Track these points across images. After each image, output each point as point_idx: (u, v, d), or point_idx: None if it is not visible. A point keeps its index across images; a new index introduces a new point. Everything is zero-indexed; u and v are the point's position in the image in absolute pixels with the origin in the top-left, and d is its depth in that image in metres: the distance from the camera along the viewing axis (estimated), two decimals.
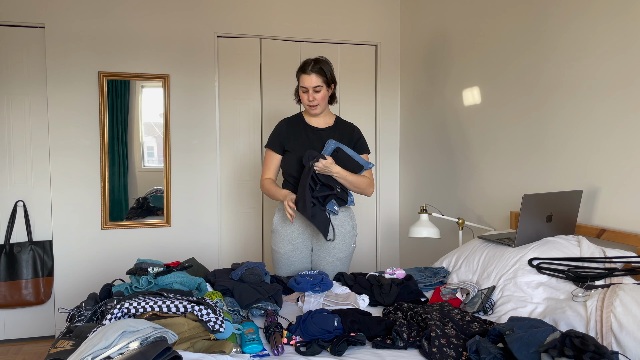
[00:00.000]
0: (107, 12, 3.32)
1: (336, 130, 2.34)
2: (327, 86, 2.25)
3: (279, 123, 2.37)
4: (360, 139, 2.36)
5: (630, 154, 1.90)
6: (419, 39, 3.56)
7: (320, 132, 2.32)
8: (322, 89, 2.23)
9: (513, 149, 2.58)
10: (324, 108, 2.31)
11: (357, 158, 2.21)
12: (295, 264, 2.32)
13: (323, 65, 2.22)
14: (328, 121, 2.36)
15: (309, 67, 2.20)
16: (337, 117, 2.40)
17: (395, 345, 1.46)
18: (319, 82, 2.21)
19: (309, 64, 2.21)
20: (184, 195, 3.52)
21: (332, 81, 2.27)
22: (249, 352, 1.40)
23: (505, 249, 1.99)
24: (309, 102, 2.25)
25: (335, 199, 2.25)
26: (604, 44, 2.00)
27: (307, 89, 2.22)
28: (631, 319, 1.35)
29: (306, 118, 2.36)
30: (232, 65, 3.58)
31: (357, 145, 2.35)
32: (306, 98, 2.25)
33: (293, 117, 2.40)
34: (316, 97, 2.23)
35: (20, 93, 3.23)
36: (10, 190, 3.24)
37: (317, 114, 2.30)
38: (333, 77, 2.27)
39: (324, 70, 2.22)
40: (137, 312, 1.34)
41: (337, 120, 2.38)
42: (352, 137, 2.34)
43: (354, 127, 2.39)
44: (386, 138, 3.93)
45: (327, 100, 2.29)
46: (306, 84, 2.21)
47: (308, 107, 2.27)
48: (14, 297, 3.17)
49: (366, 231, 3.95)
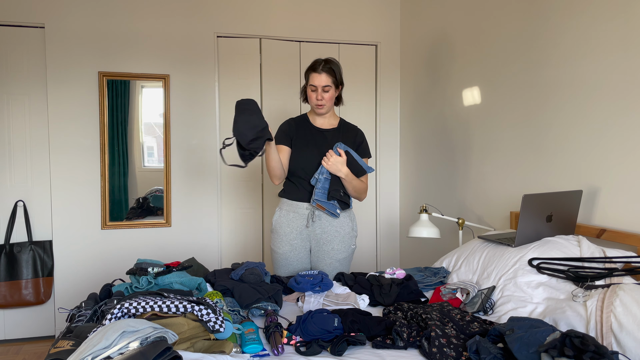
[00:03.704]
0: (107, 12, 3.32)
1: (340, 131, 2.36)
2: (335, 87, 2.27)
3: (284, 122, 2.39)
4: (363, 142, 2.39)
5: (630, 154, 1.90)
6: (419, 39, 3.56)
7: (324, 133, 2.34)
8: (330, 89, 2.25)
9: (513, 148, 2.58)
10: (330, 108, 2.33)
11: (362, 163, 2.24)
12: (294, 264, 2.32)
13: (333, 66, 2.25)
14: (332, 122, 2.38)
15: (319, 67, 2.23)
16: (341, 119, 2.42)
17: (395, 345, 1.46)
18: (328, 82, 2.23)
19: (319, 63, 2.24)
20: (184, 195, 3.52)
21: (340, 82, 2.30)
22: (249, 352, 1.40)
23: (505, 249, 1.99)
24: (317, 101, 2.26)
25: (338, 202, 2.26)
26: (604, 44, 2.00)
27: (317, 87, 2.24)
28: (631, 319, 1.35)
29: (311, 119, 2.37)
30: (232, 65, 3.58)
31: (360, 149, 2.37)
32: (314, 97, 2.26)
33: (298, 117, 2.41)
34: (324, 96, 2.25)
35: (20, 93, 3.23)
36: (10, 190, 3.24)
37: (323, 113, 2.32)
38: (342, 78, 2.30)
39: (334, 70, 2.25)
40: (137, 312, 1.34)
41: (341, 122, 2.40)
42: (355, 140, 2.36)
43: (358, 130, 2.40)
44: (386, 138, 3.93)
45: (333, 100, 2.31)
46: (316, 82, 2.23)
47: (315, 107, 2.29)
48: (14, 297, 3.17)
49: (366, 231, 3.95)
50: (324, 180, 2.21)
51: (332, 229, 2.29)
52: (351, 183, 2.22)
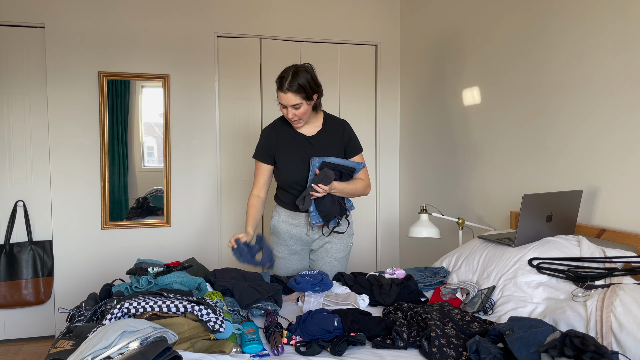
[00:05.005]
0: (107, 12, 3.32)
1: (326, 134, 2.20)
2: (307, 100, 2.05)
3: (264, 130, 2.22)
4: (352, 139, 2.23)
5: (630, 154, 1.90)
6: (419, 38, 3.56)
7: (310, 140, 2.18)
8: (301, 105, 2.04)
9: (513, 148, 2.58)
10: (308, 119, 2.14)
11: (348, 163, 2.14)
12: (294, 266, 2.31)
13: (300, 80, 2.00)
14: (317, 124, 2.21)
15: (285, 84, 2.00)
16: (325, 114, 2.24)
17: (395, 345, 1.46)
18: (297, 101, 2.02)
19: (285, 79, 2.00)
20: (184, 195, 3.52)
21: (314, 92, 2.07)
22: (249, 352, 1.40)
23: (505, 249, 1.99)
24: (290, 118, 2.09)
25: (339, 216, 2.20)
26: (604, 44, 2.00)
27: (286, 106, 2.05)
28: (631, 319, 1.35)
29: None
30: (232, 65, 3.58)
31: (349, 147, 2.23)
32: (286, 113, 2.08)
33: (279, 122, 2.23)
34: (296, 113, 2.06)
35: (20, 93, 3.23)
36: (10, 190, 3.24)
37: (300, 127, 2.16)
38: (314, 87, 2.06)
39: (302, 86, 2.00)
40: (137, 312, 1.34)
41: (325, 121, 2.23)
42: (343, 138, 2.22)
43: (344, 125, 2.24)
44: (386, 138, 3.93)
45: (309, 112, 2.11)
46: (283, 101, 2.03)
47: (291, 122, 2.12)
48: (14, 297, 3.17)
49: (366, 231, 3.95)
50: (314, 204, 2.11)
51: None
52: (343, 192, 2.11)
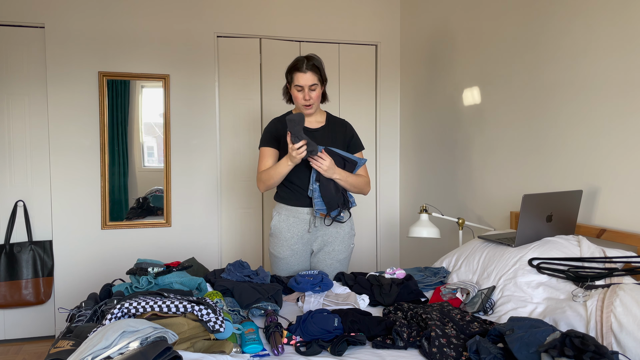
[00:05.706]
0: (107, 12, 3.32)
1: (329, 129, 2.28)
2: (321, 84, 2.19)
3: (270, 122, 2.31)
4: (354, 137, 2.32)
5: (630, 154, 1.90)
6: (419, 39, 3.56)
7: (313, 132, 2.25)
8: (317, 87, 2.16)
9: (513, 148, 2.58)
10: (318, 107, 2.26)
11: (350, 156, 2.18)
12: (295, 267, 2.30)
13: (317, 63, 2.15)
14: (320, 120, 2.30)
15: (304, 65, 2.12)
16: (328, 113, 2.34)
17: (395, 345, 1.46)
18: (314, 80, 2.14)
19: (302, 61, 2.13)
20: (184, 195, 3.52)
21: (325, 78, 2.21)
22: (249, 352, 1.40)
23: (505, 249, 1.99)
24: (305, 102, 2.17)
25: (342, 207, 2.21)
26: (604, 44, 2.00)
27: (303, 87, 2.14)
28: (631, 319, 1.35)
29: None
30: (232, 65, 3.58)
31: (352, 144, 2.30)
32: (301, 97, 2.16)
33: (284, 116, 2.31)
34: (312, 95, 2.16)
35: (20, 93, 3.23)
36: (10, 190, 3.24)
37: (312, 113, 2.23)
38: (324, 72, 2.21)
39: (318, 67, 2.15)
40: (137, 312, 1.34)
41: (328, 118, 2.32)
42: (345, 135, 2.30)
43: (347, 124, 2.34)
44: (386, 138, 3.93)
45: (320, 99, 2.24)
46: (302, 82, 2.13)
47: (303, 107, 2.19)
48: (14, 297, 3.17)
49: (366, 231, 3.95)
50: (319, 189, 2.14)
51: (333, 230, 2.28)
52: (347, 181, 2.15)
